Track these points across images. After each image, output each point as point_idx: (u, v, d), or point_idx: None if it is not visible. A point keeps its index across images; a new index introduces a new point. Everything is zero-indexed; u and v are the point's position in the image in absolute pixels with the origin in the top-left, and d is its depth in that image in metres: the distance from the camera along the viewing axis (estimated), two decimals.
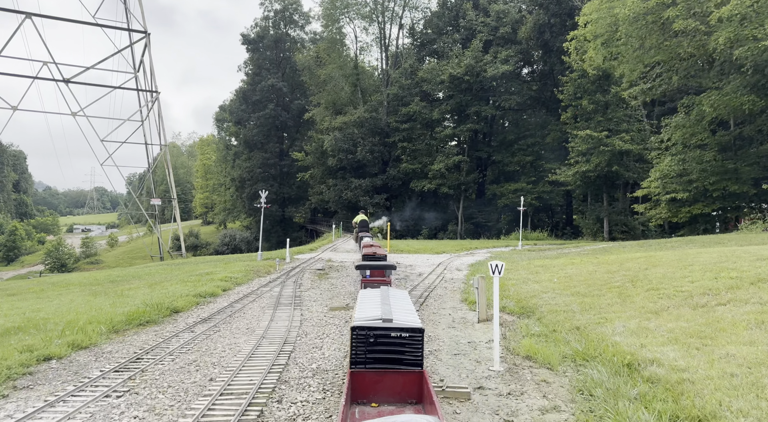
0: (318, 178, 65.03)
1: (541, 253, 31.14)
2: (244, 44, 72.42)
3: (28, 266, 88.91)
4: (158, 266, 29.64)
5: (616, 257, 20.52)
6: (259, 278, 20.93)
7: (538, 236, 48.75)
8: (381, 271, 15.47)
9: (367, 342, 6.32)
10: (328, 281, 20.54)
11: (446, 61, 56.56)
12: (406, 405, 6.17)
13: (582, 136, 44.27)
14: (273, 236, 74.87)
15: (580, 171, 45.61)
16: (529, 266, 22.00)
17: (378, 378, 6.27)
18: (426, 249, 35.17)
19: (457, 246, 37.66)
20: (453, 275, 22.52)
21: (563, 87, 47.61)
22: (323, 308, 14.94)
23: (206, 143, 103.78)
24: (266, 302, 15.72)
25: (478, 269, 22.80)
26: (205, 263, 28.83)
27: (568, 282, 16.99)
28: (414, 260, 28.61)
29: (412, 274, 22.71)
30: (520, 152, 57.95)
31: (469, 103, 55.52)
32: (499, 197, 57.59)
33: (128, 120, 45.59)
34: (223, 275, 20.18)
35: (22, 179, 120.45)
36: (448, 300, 16.71)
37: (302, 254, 31.87)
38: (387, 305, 7.38)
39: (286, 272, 22.42)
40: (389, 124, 59.95)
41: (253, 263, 25.22)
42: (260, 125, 70.88)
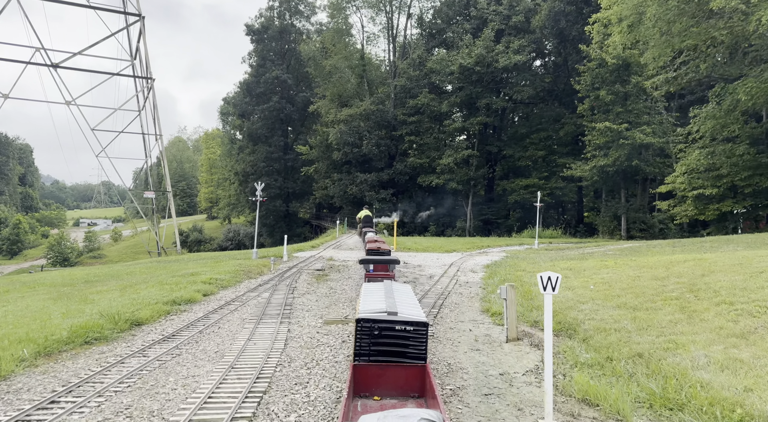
0: (323, 172, 62.28)
1: (561, 253, 28.27)
2: (248, 35, 69.66)
3: (31, 259, 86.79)
4: (144, 265, 27.02)
5: (657, 260, 17.66)
6: (249, 281, 18.22)
7: (552, 234, 45.83)
8: (385, 266, 15.20)
9: (372, 334, 6.14)
10: (327, 284, 17.80)
11: (456, 52, 53.58)
12: (408, 398, 6.02)
13: (600, 128, 41.27)
14: (277, 232, 72.21)
15: (597, 166, 42.61)
16: (554, 268, 19.17)
17: (381, 371, 6.12)
18: (435, 247, 32.39)
19: (468, 244, 34.85)
20: (468, 277, 19.73)
21: (580, 77, 44.57)
22: (317, 321, 12.19)
23: (211, 137, 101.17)
24: (250, 312, 13.00)
25: (496, 272, 20.00)
26: (196, 260, 26.20)
27: (608, 290, 14.18)
28: (423, 259, 25.83)
29: (421, 276, 19.93)
30: (532, 147, 54.96)
31: (480, 95, 52.55)
32: (509, 193, 54.67)
33: (121, 109, 43.21)
34: (207, 277, 17.48)
35: (29, 173, 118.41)
36: (466, 310, 13.94)
37: (302, 252, 29.16)
38: (391, 298, 7.10)
39: (280, 274, 19.70)
40: (396, 117, 57.08)
41: (246, 263, 22.52)
42: (264, 117, 68.16)
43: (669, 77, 35.86)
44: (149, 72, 39.52)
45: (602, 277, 16.07)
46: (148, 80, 40.05)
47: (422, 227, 57.32)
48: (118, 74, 40.01)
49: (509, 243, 36.85)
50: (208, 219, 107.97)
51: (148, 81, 39.99)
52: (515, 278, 17.84)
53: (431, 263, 24.00)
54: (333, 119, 58.35)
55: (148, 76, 40.02)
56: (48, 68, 38.19)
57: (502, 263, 22.95)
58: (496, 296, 15.13)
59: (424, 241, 38.48)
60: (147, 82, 39.72)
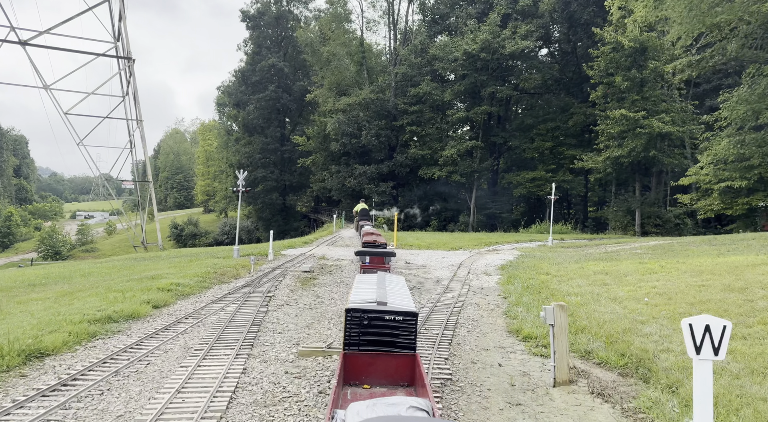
0: (320, 164, 58.78)
1: (581, 251, 24.90)
2: (243, 21, 65.93)
3: (22, 253, 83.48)
4: (113, 263, 23.67)
5: (713, 263, 14.30)
6: (220, 286, 14.86)
7: (561, 229, 42.46)
8: (380, 258, 14.87)
9: (361, 324, 6.08)
10: (314, 290, 14.44)
11: (460, 37, 50.03)
12: (398, 387, 5.93)
13: (615, 117, 37.80)
14: (273, 226, 68.63)
15: (611, 157, 39.19)
16: (584, 271, 15.83)
17: (371, 360, 6.04)
18: (439, 244, 29.02)
19: (475, 241, 31.48)
20: (482, 282, 16.37)
21: (593, 62, 41.03)
22: (289, 350, 8.84)
23: (207, 128, 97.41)
24: (202, 336, 9.64)
25: (514, 275, 16.64)
26: (172, 258, 22.86)
27: (670, 305, 10.82)
28: (427, 258, 22.47)
29: (427, 280, 16.56)
30: (538, 138, 51.50)
31: (485, 83, 49.02)
32: (515, 186, 51.23)
33: (105, 95, 39.97)
34: (168, 282, 14.13)
35: (24, 165, 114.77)
36: (488, 330, 10.59)
37: (292, 249, 25.78)
38: (383, 289, 7.00)
39: (260, 277, 16.34)
40: (397, 106, 53.55)
41: (224, 262, 19.16)
42: (260, 107, 64.54)
43: (692, 60, 32.46)
44: (129, 52, 36.06)
45: (653, 285, 12.71)
46: (128, 61, 36.52)
47: (423, 221, 53.97)
48: (96, 54, 36.44)
49: (518, 239, 33.48)
50: (204, 212, 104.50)
51: (128, 61, 36.46)
52: (540, 285, 14.49)
53: (437, 264, 20.64)
54: (331, 109, 54.84)
55: (127, 56, 36.49)
56: (23, 48, 34.64)
57: (518, 263, 19.58)
58: (523, 309, 11.78)
59: (426, 237, 35.11)
60: (126, 63, 36.25)
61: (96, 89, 36.15)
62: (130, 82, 36.38)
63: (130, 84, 36.53)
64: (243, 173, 21.56)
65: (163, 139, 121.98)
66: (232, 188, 21.65)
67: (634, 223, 41.92)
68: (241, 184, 21.37)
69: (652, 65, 37.73)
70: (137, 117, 37.27)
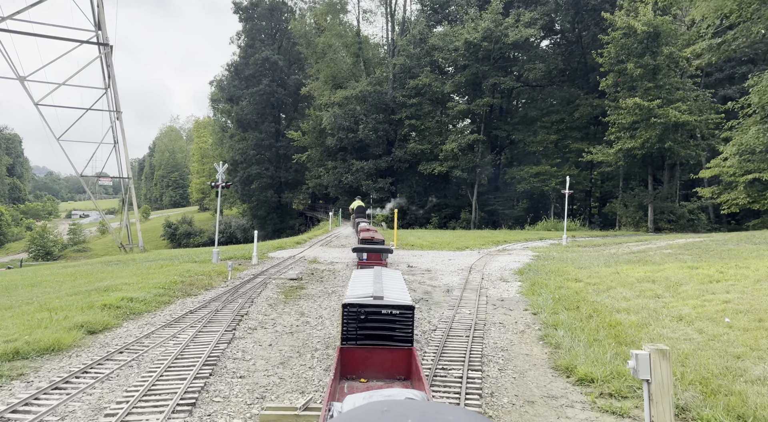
0: (316, 160, 55.83)
1: (601, 251, 22.10)
2: (236, 13, 62.83)
3: (13, 253, 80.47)
4: (74, 269, 20.76)
5: None
6: (183, 301, 11.99)
7: (569, 226, 39.61)
8: (378, 254, 14.51)
9: (358, 318, 5.96)
10: (298, 305, 11.60)
11: (461, 26, 47.13)
12: (394, 381, 5.85)
13: (628, 106, 34.97)
14: (269, 224, 65.95)
15: (623, 149, 36.37)
16: (623, 278, 13.04)
17: (368, 354, 5.94)
18: (443, 244, 26.20)
19: (481, 239, 28.66)
20: (500, 291, 13.56)
21: (603, 49, 38.15)
22: (248, 410, 6.00)
23: (202, 125, 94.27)
24: (127, 384, 6.78)
25: (538, 282, 13.82)
26: (143, 262, 19.99)
27: (764, 326, 8.04)
28: (431, 260, 19.65)
29: (435, 289, 13.75)
30: (542, 131, 48.68)
31: (487, 74, 46.13)
32: (518, 182, 48.37)
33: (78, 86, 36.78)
34: (120, 297, 11.28)
35: (17, 164, 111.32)
36: (525, 364, 7.75)
37: (281, 251, 22.93)
38: (379, 283, 6.86)
39: (235, 287, 13.49)
40: (395, 99, 50.64)
41: (199, 268, 16.31)
42: (254, 102, 61.51)
43: (713, 44, 29.62)
44: (106, 38, 33.12)
45: (724, 299, 9.91)
46: (104, 46, 33.43)
47: (423, 219, 51.15)
48: (74, 40, 33.37)
49: (527, 237, 30.66)
50: (200, 211, 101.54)
51: (105, 47, 33.37)
52: (574, 296, 11.68)
53: (444, 267, 17.82)
54: (326, 102, 51.89)
55: (104, 42, 33.44)
56: None
57: (538, 267, 16.76)
58: (565, 333, 8.95)
59: (428, 235, 32.28)
60: (104, 49, 33.18)
61: (69, 78, 33.13)
62: (110, 72, 33.40)
63: (111, 75, 33.51)
64: (222, 166, 18.68)
65: (158, 137, 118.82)
66: (211, 183, 18.64)
67: (647, 219, 39.18)
68: (220, 178, 18.50)
69: (666, 51, 34.89)
70: (116, 108, 34.21)
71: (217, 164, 18.59)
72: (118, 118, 34.05)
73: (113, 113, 34.43)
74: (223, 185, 18.58)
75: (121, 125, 34.58)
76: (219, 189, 18.58)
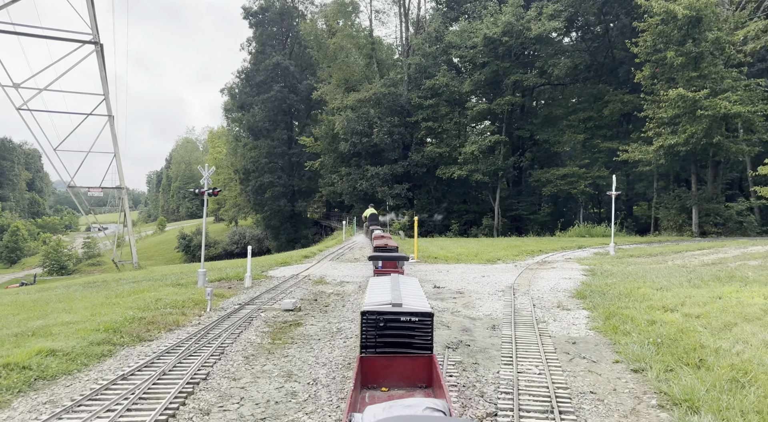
0: (329, 167, 52.39)
1: (661, 261, 18.17)
2: (246, 19, 60.05)
3: (28, 267, 78.38)
4: (30, 296, 17.41)
5: None
6: (127, 351, 8.43)
7: (605, 232, 35.58)
8: (393, 262, 13.67)
9: (377, 326, 5.77)
10: (286, 359, 7.98)
11: (479, 21, 43.49)
12: (415, 389, 5.61)
13: (670, 98, 30.93)
14: (283, 234, 62.67)
15: (665, 145, 32.25)
16: (736, 307, 9.23)
17: (387, 362, 5.73)
18: (469, 255, 22.48)
19: (512, 249, 24.85)
20: (564, 326, 9.81)
21: (638, 37, 34.18)
22: None
23: (216, 135, 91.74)
24: None
25: (615, 313, 10.05)
26: (117, 286, 16.66)
27: None
28: (461, 278, 15.95)
29: (474, 323, 10.04)
30: (569, 130, 44.67)
31: (508, 71, 42.39)
32: (543, 185, 44.37)
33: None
34: (36, 349, 7.80)
35: (37, 178, 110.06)
36: None
37: (285, 268, 19.40)
38: (397, 290, 6.68)
39: (212, 323, 9.95)
40: (410, 100, 47.09)
41: (177, 295, 12.85)
42: (266, 109, 58.45)
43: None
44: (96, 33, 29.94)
45: None
46: (96, 44, 30.45)
47: (443, 226, 47.38)
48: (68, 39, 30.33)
49: (564, 246, 26.73)
50: (215, 221, 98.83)
51: (96, 45, 30.39)
52: (682, 337, 7.88)
53: (478, 287, 14.11)
54: (339, 106, 48.51)
55: (96, 40, 30.33)
56: None
57: (601, 288, 12.95)
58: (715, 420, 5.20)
59: (451, 245, 28.55)
60: (95, 47, 30.25)
61: (53, 81, 30.03)
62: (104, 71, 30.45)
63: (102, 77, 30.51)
64: (208, 170, 15.29)
65: (174, 148, 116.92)
66: (194, 189, 15.17)
67: (690, 222, 34.98)
68: (206, 183, 15.07)
69: (712, 36, 30.82)
70: (107, 112, 31.06)
71: (202, 167, 15.17)
72: (109, 122, 30.86)
73: (111, 118, 31.25)
74: (210, 192, 15.13)
75: (113, 131, 31.38)
76: (205, 197, 15.12)
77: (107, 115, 31.62)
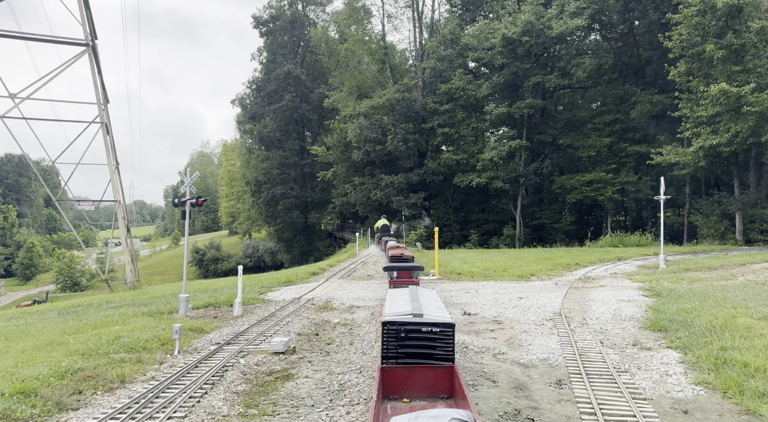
0: (342, 176, 49.80)
1: (730, 277, 15.07)
2: (256, 28, 58.07)
3: (42, 284, 76.91)
4: None
5: None
6: None
7: (639, 241, 32.33)
8: (408, 272, 13.11)
9: (398, 337, 5.68)
10: None
11: (498, 21, 40.79)
12: (438, 400, 5.55)
13: (712, 94, 27.78)
14: (296, 247, 60.11)
15: (705, 146, 29.04)
16: None
17: (409, 373, 5.66)
18: (497, 270, 19.55)
19: (543, 262, 21.83)
20: (655, 377, 6.83)
21: (672, 30, 31.17)
22: None
23: (230, 148, 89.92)
24: None
25: (730, 359, 7.07)
26: (92, 313, 14.11)
27: None
28: (493, 300, 13.05)
29: (527, 374, 7.14)
30: (594, 134, 41.61)
31: (528, 73, 39.55)
32: (568, 192, 41.23)
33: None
34: None
35: (55, 195, 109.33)
36: None
37: (289, 288, 16.66)
38: (417, 301, 6.58)
39: (169, 379, 7.19)
40: (425, 106, 44.43)
41: (145, 330, 10.16)
42: (277, 119, 56.30)
43: None
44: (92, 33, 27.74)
45: None
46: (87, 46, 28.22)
47: (462, 236, 44.43)
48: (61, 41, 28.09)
49: (601, 258, 23.57)
50: (230, 235, 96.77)
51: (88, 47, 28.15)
52: None
53: (518, 314, 11.20)
54: (351, 114, 46.01)
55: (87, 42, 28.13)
56: None
57: (679, 314, 9.95)
58: None
59: (474, 257, 25.58)
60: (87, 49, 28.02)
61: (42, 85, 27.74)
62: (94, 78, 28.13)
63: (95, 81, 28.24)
64: (191, 176, 12.65)
65: (189, 162, 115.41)
66: (174, 199, 12.42)
67: (734, 229, 31.57)
68: (188, 191, 12.42)
69: (756, 26, 27.71)
70: (100, 119, 28.60)
71: (184, 173, 12.53)
72: (103, 131, 28.48)
73: (104, 126, 28.84)
74: (194, 202, 12.46)
75: (105, 140, 28.92)
76: (187, 207, 12.46)
77: (99, 122, 29.26)
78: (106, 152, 29.54)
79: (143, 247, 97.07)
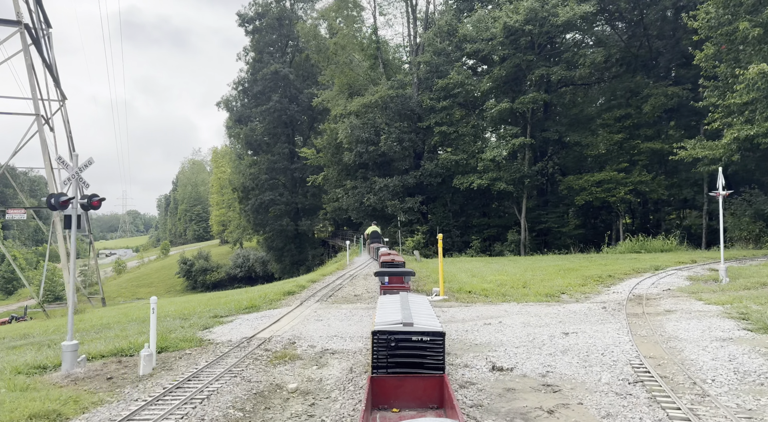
0: (333, 180, 45.60)
1: None
2: (242, 26, 54.14)
3: (24, 298, 72.10)
4: None
5: None
6: None
7: (663, 246, 28.26)
8: (400, 278, 13.30)
9: (388, 346, 5.54)
10: None
11: (498, 10, 36.89)
12: (427, 409, 5.43)
13: (749, 77, 23.79)
14: (286, 256, 55.77)
15: (740, 138, 25.01)
16: None
17: (399, 383, 5.53)
18: (515, 285, 15.37)
19: (569, 274, 17.65)
20: None
21: (698, 9, 27.30)
22: None
23: (220, 155, 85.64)
24: None
25: None
26: None
27: None
28: (525, 337, 8.81)
29: None
30: (604, 129, 37.71)
31: (532, 65, 35.66)
32: (576, 193, 37.19)
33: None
34: None
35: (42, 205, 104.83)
36: None
37: (249, 316, 12.41)
38: (407, 310, 6.43)
39: None
40: (421, 103, 40.39)
41: None
42: (265, 121, 52.20)
43: None
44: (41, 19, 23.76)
45: None
46: (19, 25, 24.08)
47: (463, 242, 40.26)
48: None
49: (636, 268, 19.36)
50: (221, 244, 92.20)
51: (20, 26, 24.07)
52: None
53: (575, 369, 6.99)
54: (342, 113, 41.92)
55: (20, 20, 23.91)
56: None
57: None
58: None
59: (482, 268, 21.36)
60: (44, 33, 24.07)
61: None
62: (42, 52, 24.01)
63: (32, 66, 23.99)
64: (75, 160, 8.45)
65: (180, 170, 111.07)
66: (50, 199, 7.99)
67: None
68: (73, 185, 8.23)
69: None
70: (35, 111, 24.22)
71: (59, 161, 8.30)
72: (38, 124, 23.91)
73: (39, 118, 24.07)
74: (85, 203, 8.23)
75: (41, 135, 24.15)
76: (73, 211, 8.24)
77: (34, 114, 24.85)
78: (42, 150, 25.08)
79: (131, 258, 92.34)
